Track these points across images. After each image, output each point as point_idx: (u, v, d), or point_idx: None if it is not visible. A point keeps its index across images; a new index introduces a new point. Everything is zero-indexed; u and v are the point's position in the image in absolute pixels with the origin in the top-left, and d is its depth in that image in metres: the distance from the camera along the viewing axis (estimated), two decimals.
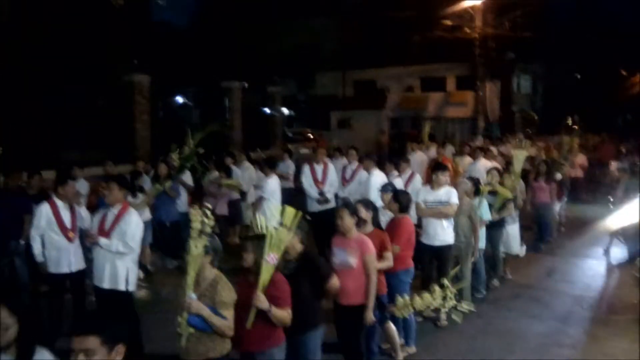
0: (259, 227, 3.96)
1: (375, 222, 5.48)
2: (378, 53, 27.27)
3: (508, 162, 9.92)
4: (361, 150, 10.46)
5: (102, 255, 5.45)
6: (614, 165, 13.13)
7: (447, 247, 6.69)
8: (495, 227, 7.80)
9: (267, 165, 9.01)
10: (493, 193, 7.78)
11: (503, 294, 7.85)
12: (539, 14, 24.25)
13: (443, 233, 6.67)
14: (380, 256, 5.17)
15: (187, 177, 9.31)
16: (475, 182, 7.27)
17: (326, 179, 9.10)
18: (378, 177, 8.35)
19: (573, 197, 12.91)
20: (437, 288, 4.87)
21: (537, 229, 10.44)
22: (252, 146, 15.22)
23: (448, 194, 6.70)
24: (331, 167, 9.35)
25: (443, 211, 6.64)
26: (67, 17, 17.25)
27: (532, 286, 8.20)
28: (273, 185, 8.65)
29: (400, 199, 5.95)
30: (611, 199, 10.97)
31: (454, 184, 7.47)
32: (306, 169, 9.21)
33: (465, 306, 4.92)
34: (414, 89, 29.33)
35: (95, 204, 7.68)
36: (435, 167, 7.19)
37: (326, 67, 29.98)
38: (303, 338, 4.31)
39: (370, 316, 4.89)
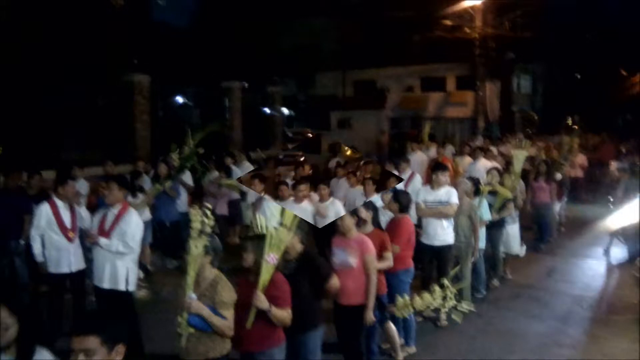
0: (259, 227, 3.97)
1: (375, 222, 5.49)
2: (378, 53, 27.22)
3: (508, 162, 9.91)
4: (361, 150, 10.46)
5: (102, 255, 5.46)
6: (614, 165, 13.12)
7: (447, 247, 6.69)
8: (495, 227, 7.80)
9: None
10: (493, 193, 7.78)
11: (503, 294, 7.86)
12: (539, 14, 24.18)
13: (443, 233, 6.67)
14: (380, 256, 5.18)
15: (187, 177, 9.31)
16: (475, 182, 7.27)
17: None
18: None
19: (573, 197, 12.91)
20: (437, 288, 4.86)
21: (537, 229, 10.44)
22: (252, 146, 15.21)
23: (448, 194, 6.70)
24: None
25: (443, 211, 6.65)
26: (67, 17, 17.24)
27: (532, 286, 8.20)
28: None
29: (400, 199, 5.95)
30: (611, 199, 10.97)
31: (454, 184, 7.47)
32: None
33: (465, 306, 4.92)
34: (414, 89, 29.30)
35: (95, 204, 7.68)
36: (435, 167, 7.19)
37: (326, 67, 29.95)
38: (303, 338, 4.31)
39: (370, 316, 4.89)
